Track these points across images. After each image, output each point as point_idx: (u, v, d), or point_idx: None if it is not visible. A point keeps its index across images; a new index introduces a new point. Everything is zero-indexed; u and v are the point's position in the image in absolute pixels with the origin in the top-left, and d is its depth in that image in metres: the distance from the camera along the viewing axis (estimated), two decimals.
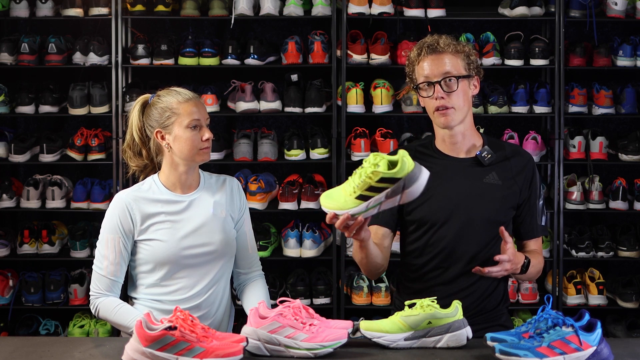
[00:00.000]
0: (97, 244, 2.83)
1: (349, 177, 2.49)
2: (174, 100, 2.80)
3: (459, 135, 2.82)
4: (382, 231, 2.89)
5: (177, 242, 2.79)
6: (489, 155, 2.81)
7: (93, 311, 2.82)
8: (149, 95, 2.89)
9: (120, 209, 2.80)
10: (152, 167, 2.92)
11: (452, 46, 2.78)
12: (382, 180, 2.39)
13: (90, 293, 2.83)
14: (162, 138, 2.81)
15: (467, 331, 2.49)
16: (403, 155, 2.38)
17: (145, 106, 2.87)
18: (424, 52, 2.78)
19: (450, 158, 2.84)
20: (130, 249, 2.83)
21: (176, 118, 2.78)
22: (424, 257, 2.83)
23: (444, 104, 2.75)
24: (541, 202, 2.87)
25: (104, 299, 2.79)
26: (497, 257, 2.63)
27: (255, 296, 2.92)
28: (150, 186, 2.85)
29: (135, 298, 2.88)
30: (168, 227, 2.80)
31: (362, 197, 2.43)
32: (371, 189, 2.41)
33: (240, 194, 2.96)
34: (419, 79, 2.79)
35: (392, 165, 2.39)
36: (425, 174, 2.41)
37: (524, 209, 2.83)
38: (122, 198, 2.82)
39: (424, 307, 2.48)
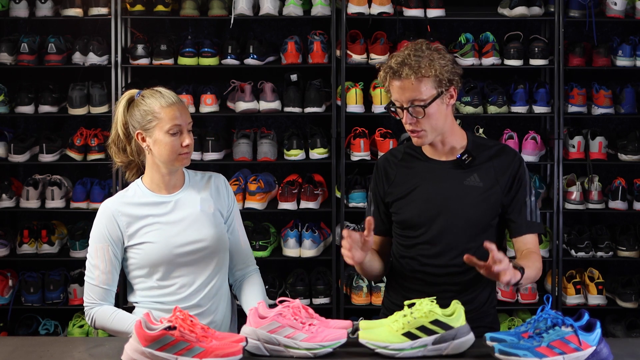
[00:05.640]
0: (87, 255, 2.82)
1: (392, 316, 2.49)
2: (157, 103, 2.77)
3: (438, 143, 2.83)
4: (378, 239, 2.93)
5: (168, 241, 2.78)
6: (470, 159, 2.81)
7: (89, 322, 2.80)
8: (136, 91, 2.85)
9: (107, 217, 2.80)
10: (137, 165, 2.90)
11: (416, 71, 2.69)
12: (436, 322, 2.42)
13: (84, 304, 2.81)
14: (143, 140, 2.79)
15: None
16: (460, 307, 2.43)
17: (130, 102, 2.84)
18: (388, 77, 2.74)
19: (432, 161, 2.85)
20: (121, 257, 2.82)
21: (157, 122, 2.76)
22: (408, 258, 2.85)
23: (414, 129, 2.75)
24: (532, 199, 2.84)
25: (98, 308, 2.78)
26: (487, 245, 2.52)
27: (253, 293, 2.91)
28: (135, 191, 2.84)
29: (136, 303, 2.87)
30: (157, 229, 2.79)
31: (409, 335, 2.43)
32: (422, 328, 2.43)
33: (228, 190, 2.95)
34: (392, 98, 2.77)
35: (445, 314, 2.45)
36: (471, 335, 2.45)
37: (511, 207, 2.82)
38: (108, 206, 2.82)
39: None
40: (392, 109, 2.78)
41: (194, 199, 2.86)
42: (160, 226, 2.80)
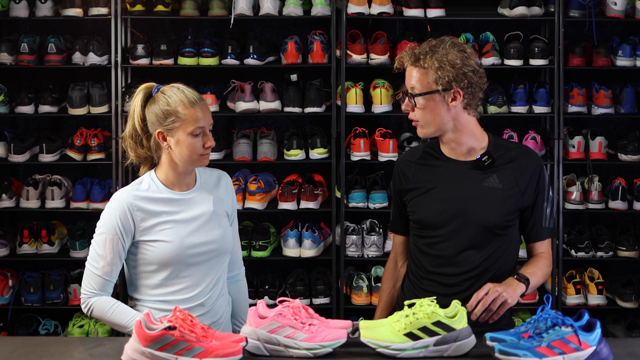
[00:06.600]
0: (93, 242, 2.77)
1: (393, 316, 2.50)
2: (180, 103, 2.72)
3: (451, 142, 2.82)
4: (401, 239, 2.98)
5: (182, 241, 2.75)
6: (490, 160, 2.80)
7: (85, 310, 2.76)
8: (153, 85, 2.81)
9: (121, 209, 2.74)
10: (151, 160, 2.85)
11: (415, 61, 2.73)
12: (438, 324, 2.42)
13: (82, 291, 2.76)
14: (164, 139, 2.75)
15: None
16: (462, 309, 2.43)
17: (147, 96, 2.80)
18: (398, 61, 2.81)
19: (452, 161, 2.83)
20: (128, 249, 2.78)
21: (181, 123, 2.71)
22: (425, 259, 2.84)
23: (410, 117, 2.80)
24: (549, 205, 2.83)
25: (97, 299, 2.74)
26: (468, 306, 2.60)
27: (241, 302, 3.00)
28: (149, 185, 2.80)
29: (138, 299, 2.84)
30: (171, 227, 2.76)
31: (411, 335, 2.43)
32: (424, 329, 2.43)
33: (233, 191, 2.95)
34: None
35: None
36: (473, 338, 2.45)
37: (530, 211, 2.81)
38: (123, 198, 2.76)
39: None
40: (404, 93, 2.82)
41: (206, 198, 2.84)
42: (175, 225, 2.77)
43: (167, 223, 2.77)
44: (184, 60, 4.76)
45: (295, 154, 4.73)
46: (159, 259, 2.76)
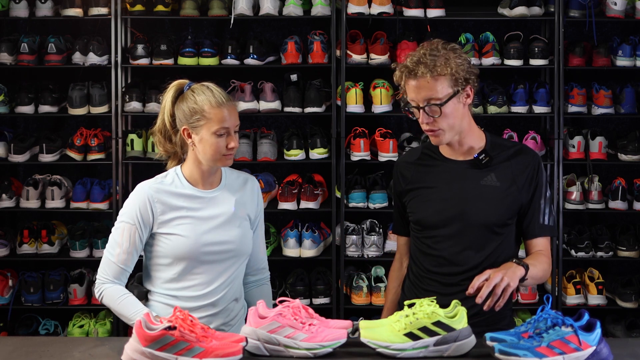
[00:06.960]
0: (113, 229, 2.82)
1: (393, 316, 2.50)
2: (206, 102, 2.77)
3: (455, 143, 2.82)
4: (404, 240, 2.99)
5: (198, 238, 2.78)
6: (487, 159, 2.80)
7: (97, 295, 2.80)
8: (185, 82, 2.85)
9: (142, 200, 2.79)
10: (179, 155, 2.90)
11: (432, 70, 2.68)
12: (438, 324, 2.42)
13: (97, 277, 2.81)
14: (189, 136, 2.80)
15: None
16: (462, 309, 2.42)
17: (179, 93, 2.84)
18: (404, 76, 2.74)
19: (449, 160, 2.84)
20: (146, 241, 2.82)
21: (205, 122, 2.76)
22: (426, 259, 2.84)
23: (431, 128, 2.75)
24: (547, 202, 2.83)
25: (110, 286, 2.78)
26: (469, 292, 2.58)
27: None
28: (173, 180, 2.84)
29: (150, 291, 2.87)
30: (189, 223, 2.79)
31: (411, 335, 2.43)
32: (424, 329, 2.43)
33: (260, 195, 2.97)
34: (408, 98, 2.76)
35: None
36: (473, 338, 2.45)
37: (527, 207, 2.81)
38: (145, 189, 2.81)
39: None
40: (407, 109, 2.78)
41: (228, 199, 2.86)
42: (193, 221, 2.80)
43: (185, 218, 2.80)
44: (184, 60, 4.76)
45: (295, 154, 4.73)
46: (173, 253, 2.79)
